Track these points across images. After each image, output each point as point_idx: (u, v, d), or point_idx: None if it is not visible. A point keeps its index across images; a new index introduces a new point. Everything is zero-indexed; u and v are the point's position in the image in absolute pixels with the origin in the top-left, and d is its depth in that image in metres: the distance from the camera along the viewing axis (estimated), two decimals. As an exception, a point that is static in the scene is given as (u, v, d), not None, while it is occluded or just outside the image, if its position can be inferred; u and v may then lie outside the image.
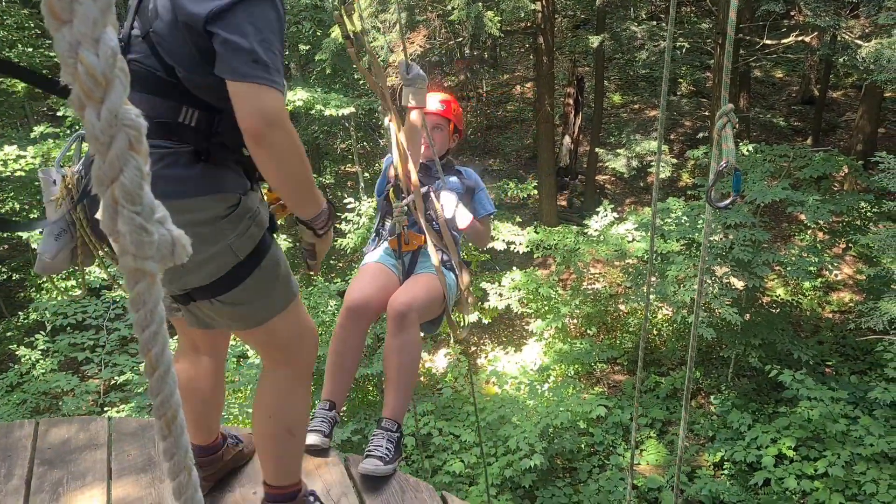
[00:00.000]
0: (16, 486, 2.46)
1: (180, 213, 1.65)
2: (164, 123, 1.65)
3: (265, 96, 1.58)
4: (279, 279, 1.88)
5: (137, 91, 1.64)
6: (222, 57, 1.58)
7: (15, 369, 7.97)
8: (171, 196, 1.63)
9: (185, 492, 0.76)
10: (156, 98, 1.66)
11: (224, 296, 1.79)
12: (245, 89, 1.58)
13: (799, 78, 18.33)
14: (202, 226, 1.70)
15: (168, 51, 1.64)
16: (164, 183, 1.63)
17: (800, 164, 9.36)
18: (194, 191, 1.69)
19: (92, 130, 0.63)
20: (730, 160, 1.62)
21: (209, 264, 1.74)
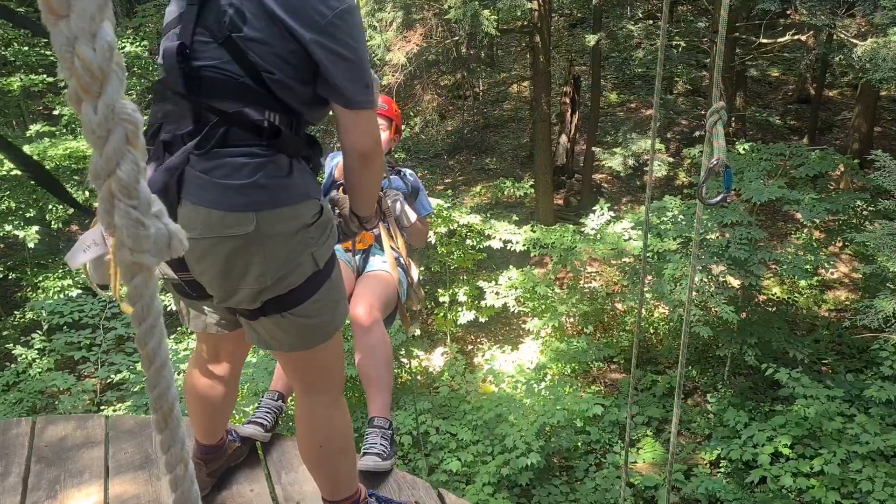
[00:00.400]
0: (13, 484, 2.46)
1: (277, 223, 1.64)
2: (247, 131, 1.62)
3: (374, 121, 1.70)
4: (342, 291, 1.89)
5: (221, 98, 1.61)
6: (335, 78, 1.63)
7: (11, 368, 7.97)
8: (269, 205, 1.63)
9: (181, 484, 0.77)
10: (240, 104, 1.62)
11: (297, 308, 1.74)
12: (359, 116, 1.67)
13: (795, 77, 18.35)
14: (294, 235, 1.68)
15: (260, 55, 1.61)
16: (261, 192, 1.62)
17: (796, 163, 9.38)
18: (288, 199, 1.67)
19: (89, 125, 0.63)
20: (721, 157, 1.63)
21: (293, 274, 1.70)
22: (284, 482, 2.45)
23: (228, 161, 1.60)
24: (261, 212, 1.62)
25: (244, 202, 1.60)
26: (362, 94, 1.67)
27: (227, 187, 1.59)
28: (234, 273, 1.67)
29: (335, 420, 1.96)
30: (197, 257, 1.66)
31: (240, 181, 1.60)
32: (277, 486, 2.44)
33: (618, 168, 14.39)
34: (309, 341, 1.82)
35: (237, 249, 1.63)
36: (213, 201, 1.59)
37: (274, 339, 1.82)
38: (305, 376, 1.92)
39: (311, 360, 1.87)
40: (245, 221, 1.60)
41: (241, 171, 1.60)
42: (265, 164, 1.62)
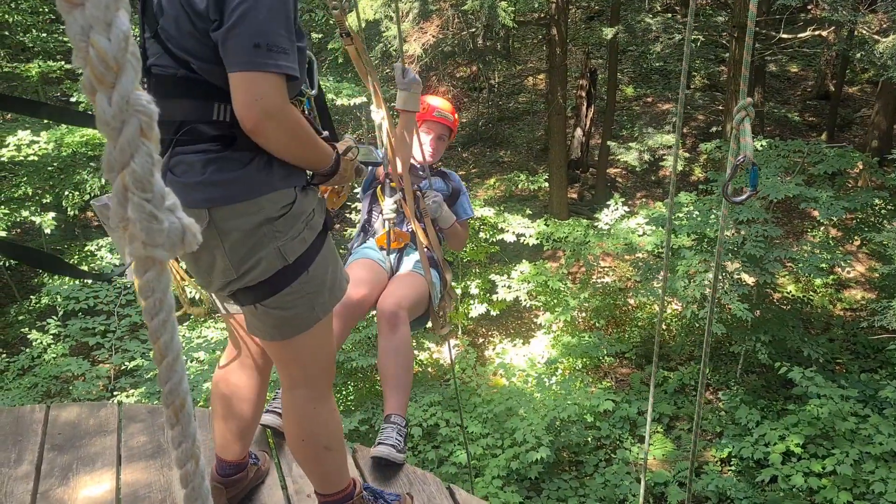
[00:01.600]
0: (26, 471, 2.48)
1: (232, 218, 1.63)
2: (201, 125, 1.60)
3: (263, 84, 1.52)
4: (325, 287, 1.83)
5: (162, 97, 1.57)
6: (222, 44, 1.53)
7: (26, 353, 8.03)
8: (221, 201, 1.62)
9: (192, 480, 0.76)
10: (183, 101, 1.60)
11: (268, 300, 1.74)
12: (241, 79, 1.53)
13: (814, 73, 18.17)
14: (254, 229, 1.66)
15: (178, 44, 1.57)
16: (213, 189, 1.61)
17: (814, 160, 9.28)
18: (244, 194, 1.63)
19: (103, 116, 0.62)
20: (747, 154, 1.60)
21: (257, 267, 1.69)
22: (296, 474, 2.45)
23: (184, 158, 1.61)
24: (214, 208, 1.61)
25: (197, 199, 1.60)
26: (242, 54, 1.51)
27: (184, 185, 1.60)
28: (203, 266, 1.71)
29: (320, 416, 1.93)
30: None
31: (194, 178, 1.61)
32: (288, 478, 2.44)
33: (633, 163, 14.29)
34: (285, 332, 1.80)
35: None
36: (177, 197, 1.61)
37: (254, 327, 1.85)
38: (287, 368, 1.91)
39: (290, 352, 1.85)
40: (199, 217, 1.60)
41: (193, 168, 1.61)
42: (217, 160, 1.61)
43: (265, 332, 1.82)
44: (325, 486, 2.03)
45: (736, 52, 11.64)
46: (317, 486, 2.05)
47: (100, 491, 2.38)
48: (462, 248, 3.58)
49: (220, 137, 1.61)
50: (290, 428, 1.96)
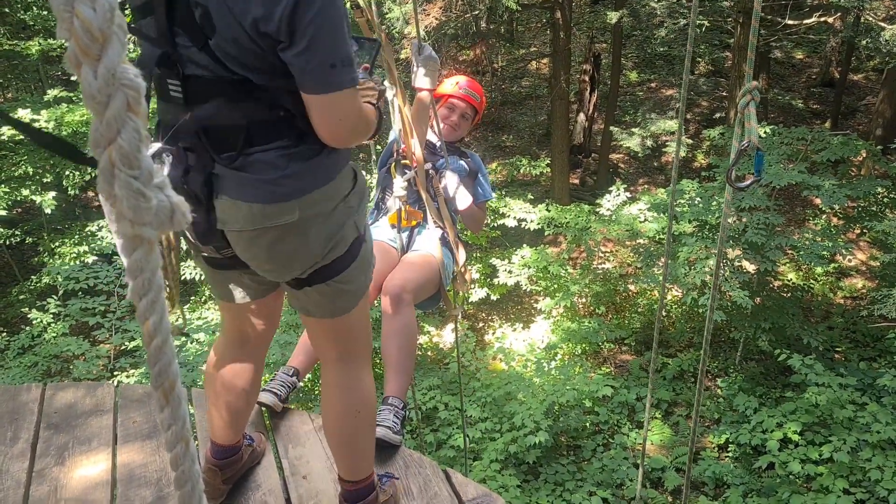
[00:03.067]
0: (21, 450, 2.48)
1: (316, 205, 1.67)
2: (268, 125, 1.60)
3: (343, 102, 1.56)
4: (371, 250, 1.92)
5: (223, 102, 1.57)
6: (295, 67, 1.53)
7: (27, 332, 8.04)
8: (308, 189, 1.65)
9: (182, 463, 0.75)
10: (245, 104, 1.58)
11: (340, 275, 1.79)
12: (323, 101, 1.55)
13: (820, 60, 18.05)
14: (334, 210, 1.71)
15: (237, 62, 1.54)
16: (298, 180, 1.63)
17: (817, 148, 9.23)
18: (323, 179, 1.68)
19: (88, 90, 0.60)
20: (752, 139, 1.58)
21: (339, 245, 1.75)
22: (292, 456, 2.45)
23: (259, 157, 1.61)
24: (301, 198, 1.64)
25: (284, 192, 1.63)
26: (321, 77, 1.52)
27: (265, 181, 1.61)
28: (283, 257, 1.72)
29: (369, 384, 1.98)
30: (243, 246, 1.71)
31: (276, 175, 1.62)
32: (284, 459, 2.44)
33: (635, 148, 14.23)
34: (347, 306, 1.86)
35: (284, 236, 1.67)
36: (252, 196, 1.62)
37: (316, 306, 1.86)
38: (343, 342, 1.93)
39: (347, 325, 1.90)
40: (288, 210, 1.64)
41: (274, 165, 1.62)
42: (294, 154, 1.63)
43: (331, 309, 1.85)
44: (360, 470, 2.01)
45: (741, 37, 11.56)
46: (350, 472, 2.01)
47: (96, 470, 2.38)
48: (479, 230, 3.47)
49: (289, 133, 1.62)
50: (343, 402, 1.95)
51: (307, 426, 2.61)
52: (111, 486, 2.32)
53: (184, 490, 0.77)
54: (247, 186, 1.61)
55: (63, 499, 2.27)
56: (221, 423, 2.15)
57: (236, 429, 2.18)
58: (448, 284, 3.10)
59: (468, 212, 3.20)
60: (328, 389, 1.97)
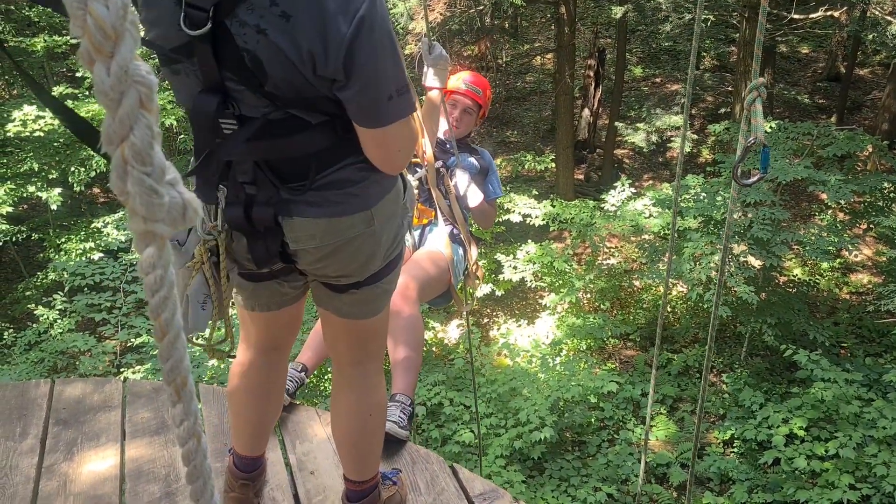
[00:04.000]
0: (31, 445, 2.49)
1: (387, 207, 1.70)
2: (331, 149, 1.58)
3: (398, 132, 1.55)
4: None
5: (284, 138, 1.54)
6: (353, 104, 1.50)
7: (33, 328, 8.07)
8: (379, 198, 1.67)
9: (194, 458, 0.75)
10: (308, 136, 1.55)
11: (390, 275, 1.82)
12: (379, 135, 1.54)
13: (825, 54, 17.97)
14: (395, 213, 1.75)
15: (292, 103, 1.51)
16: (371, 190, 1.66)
17: (823, 143, 9.20)
18: (390, 184, 1.71)
19: (101, 86, 0.60)
20: (759, 136, 1.58)
21: (399, 244, 1.81)
22: (299, 452, 2.46)
23: (335, 176, 1.61)
24: (376, 206, 1.67)
25: (362, 203, 1.65)
26: (377, 111, 1.50)
27: (345, 195, 1.62)
28: (357, 264, 1.73)
29: (382, 387, 1.99)
30: (316, 259, 1.70)
31: (351, 189, 1.63)
32: (292, 455, 2.44)
33: (640, 144, 14.20)
34: (381, 306, 1.88)
35: (360, 244, 1.69)
36: (333, 212, 1.62)
37: (356, 307, 1.84)
38: (364, 344, 1.92)
39: (375, 326, 1.91)
40: (364, 219, 1.66)
41: (349, 181, 1.62)
42: (365, 166, 1.63)
43: (365, 310, 1.85)
44: (367, 470, 2.01)
45: (746, 32, 11.52)
46: (357, 473, 2.00)
47: (104, 466, 2.39)
48: (490, 226, 3.52)
49: (356, 149, 1.60)
50: (358, 404, 1.93)
51: (314, 422, 2.62)
52: (120, 481, 2.34)
53: (196, 485, 0.77)
54: (325, 205, 1.61)
55: (72, 494, 2.28)
56: (249, 433, 2.08)
57: (260, 439, 2.12)
58: (458, 282, 3.11)
59: (479, 209, 3.22)
60: (341, 392, 1.95)
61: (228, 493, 2.12)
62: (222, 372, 6.88)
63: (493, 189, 3.38)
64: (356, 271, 1.75)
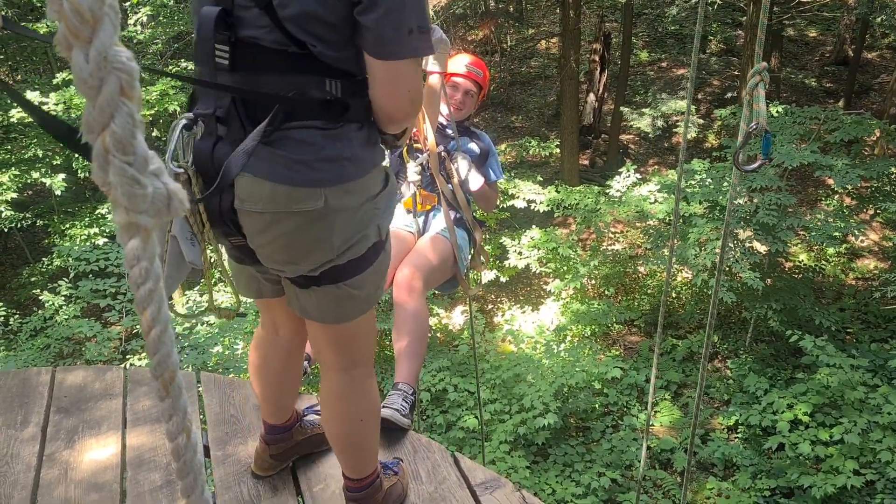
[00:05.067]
0: (32, 433, 2.49)
1: (344, 196, 1.56)
2: (311, 102, 1.50)
3: (413, 71, 1.47)
4: (389, 264, 1.82)
5: (264, 70, 1.49)
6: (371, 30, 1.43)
7: (39, 314, 8.09)
8: (337, 180, 1.54)
9: (183, 454, 0.74)
10: (292, 75, 1.49)
11: (353, 279, 1.67)
12: (396, 68, 1.46)
13: (833, 37, 17.80)
14: (360, 207, 1.60)
15: (300, 27, 1.45)
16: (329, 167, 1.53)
17: (830, 127, 9.13)
18: (356, 173, 1.57)
19: (80, 73, 0.58)
20: (760, 121, 1.55)
21: (356, 245, 1.63)
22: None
23: (294, 134, 1.51)
24: (331, 187, 1.54)
25: (313, 178, 1.52)
26: (397, 42, 1.43)
27: (295, 162, 1.51)
28: (299, 247, 1.60)
29: (373, 391, 1.92)
30: (259, 230, 1.59)
31: (307, 156, 1.51)
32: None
33: (646, 129, 14.12)
34: (352, 313, 1.75)
35: (304, 225, 1.56)
36: (279, 176, 1.52)
37: (319, 309, 1.74)
38: (347, 349, 1.84)
39: (351, 333, 1.81)
40: (314, 197, 1.53)
41: (307, 144, 1.52)
42: (332, 138, 1.53)
43: (335, 314, 1.75)
44: (363, 469, 1.99)
45: (753, 15, 11.40)
46: (354, 471, 2.00)
47: (105, 454, 2.39)
48: (492, 209, 3.49)
49: (331, 114, 1.52)
50: (349, 409, 1.89)
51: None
52: (121, 469, 2.34)
53: (186, 480, 0.76)
54: (276, 164, 1.50)
55: (73, 482, 2.28)
56: (264, 403, 2.15)
57: (281, 410, 2.16)
58: (465, 266, 3.09)
59: (480, 192, 3.21)
60: (328, 398, 1.90)
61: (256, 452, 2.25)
62: (227, 359, 6.90)
63: (494, 172, 3.37)
64: (301, 257, 1.62)
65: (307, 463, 2.32)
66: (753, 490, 7.08)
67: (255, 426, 2.49)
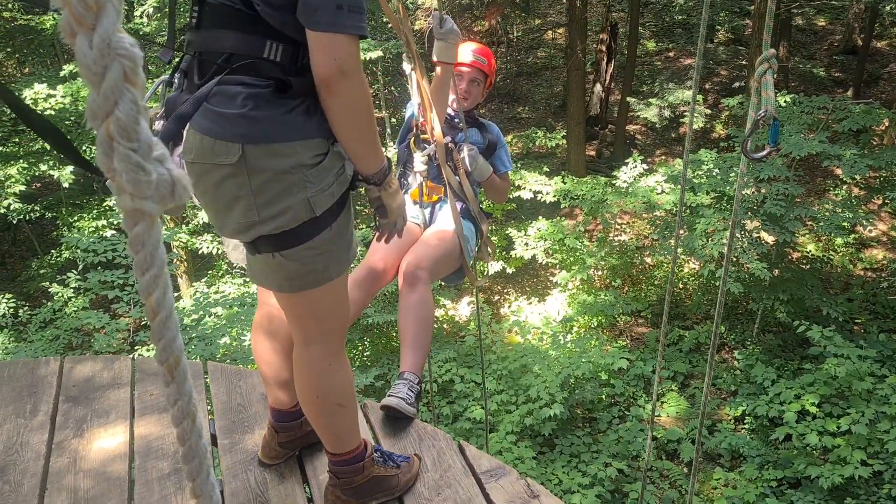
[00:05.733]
0: (41, 422, 2.51)
1: (266, 157, 1.61)
2: (249, 59, 1.58)
3: (343, 45, 1.53)
4: (344, 243, 1.81)
5: (216, 28, 1.60)
6: (302, 3, 1.52)
7: (48, 306, 8.14)
8: (257, 139, 1.59)
9: (188, 438, 0.75)
10: (236, 34, 1.59)
11: (289, 251, 1.71)
12: (324, 39, 1.53)
13: (842, 26, 17.67)
14: (286, 174, 1.63)
15: None
16: (250, 124, 1.59)
17: (839, 117, 9.07)
18: (282, 135, 1.61)
19: (84, 60, 0.59)
20: (769, 109, 1.54)
21: (283, 215, 1.66)
22: (307, 428, 2.46)
23: (225, 89, 1.59)
24: (248, 144, 1.60)
25: (232, 132, 1.59)
26: (324, 13, 1.52)
27: (219, 115, 1.59)
28: (223, 202, 1.68)
29: (334, 373, 1.92)
30: (193, 181, 1.66)
31: (230, 110, 1.59)
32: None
33: (653, 119, 14.07)
34: (298, 285, 1.79)
35: (224, 179, 1.63)
36: (206, 128, 1.60)
37: (265, 276, 1.82)
38: (302, 322, 1.88)
39: (304, 305, 1.84)
40: (231, 151, 1.59)
41: (233, 100, 1.59)
42: (258, 96, 1.59)
43: (277, 282, 1.81)
44: (337, 446, 2.02)
45: (761, 4, 11.32)
46: (328, 446, 2.03)
47: (114, 443, 2.41)
48: (503, 200, 3.50)
49: (268, 76, 1.59)
50: (304, 384, 1.94)
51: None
52: (129, 458, 2.35)
53: (191, 465, 0.77)
54: (206, 117, 1.60)
55: (82, 470, 2.30)
56: (268, 387, 2.19)
57: (285, 394, 2.18)
58: (471, 257, 3.09)
59: (489, 183, 3.22)
60: (294, 370, 1.95)
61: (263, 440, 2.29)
62: (234, 350, 6.93)
63: (504, 162, 3.36)
64: (222, 213, 1.70)
65: (313, 451, 2.33)
66: (760, 480, 7.09)
67: (261, 415, 2.50)
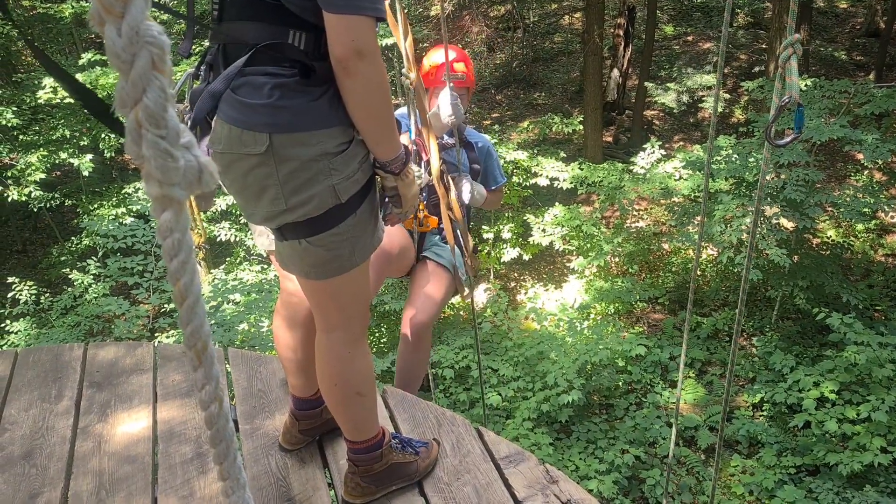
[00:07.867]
0: (66, 407, 2.55)
1: (292, 146, 1.63)
2: (273, 48, 1.59)
3: (360, 26, 1.54)
4: (368, 232, 1.83)
5: (239, 19, 1.62)
6: None
7: (69, 292, 8.23)
8: (284, 128, 1.61)
9: (216, 422, 0.76)
10: (259, 24, 1.61)
11: (314, 238, 1.74)
12: (341, 21, 1.54)
13: (864, 9, 17.39)
14: (312, 162, 1.65)
15: None
16: (277, 113, 1.61)
17: (860, 101, 8.94)
18: (308, 124, 1.63)
19: (113, 48, 0.59)
20: (793, 95, 1.52)
21: (310, 203, 1.69)
22: (326, 413, 2.48)
23: (251, 80, 1.62)
24: (275, 133, 1.62)
25: (260, 122, 1.62)
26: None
27: (247, 105, 1.62)
28: (251, 191, 1.71)
29: (355, 360, 1.94)
30: (221, 171, 1.70)
31: (258, 101, 1.61)
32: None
33: (671, 104, 13.94)
34: (323, 272, 1.81)
35: (252, 168, 1.66)
36: (234, 118, 1.63)
37: (292, 263, 1.85)
38: (324, 309, 1.90)
39: (328, 292, 1.86)
40: (259, 140, 1.62)
41: (260, 90, 1.61)
42: (284, 86, 1.61)
43: (303, 269, 1.83)
44: (356, 434, 2.04)
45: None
46: (347, 434, 2.05)
47: (137, 427, 2.45)
48: (498, 207, 3.74)
49: (294, 64, 1.62)
50: (324, 371, 1.96)
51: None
52: (152, 442, 2.39)
53: (219, 448, 0.78)
54: (233, 107, 1.63)
55: (107, 454, 2.34)
56: (289, 375, 2.22)
57: (306, 382, 2.21)
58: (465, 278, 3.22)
59: (486, 203, 3.41)
60: (316, 356, 1.98)
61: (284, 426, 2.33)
62: (252, 336, 6.98)
63: (496, 178, 3.47)
64: (251, 201, 1.73)
65: (333, 437, 2.35)
66: (778, 467, 7.06)
67: (281, 400, 2.53)
